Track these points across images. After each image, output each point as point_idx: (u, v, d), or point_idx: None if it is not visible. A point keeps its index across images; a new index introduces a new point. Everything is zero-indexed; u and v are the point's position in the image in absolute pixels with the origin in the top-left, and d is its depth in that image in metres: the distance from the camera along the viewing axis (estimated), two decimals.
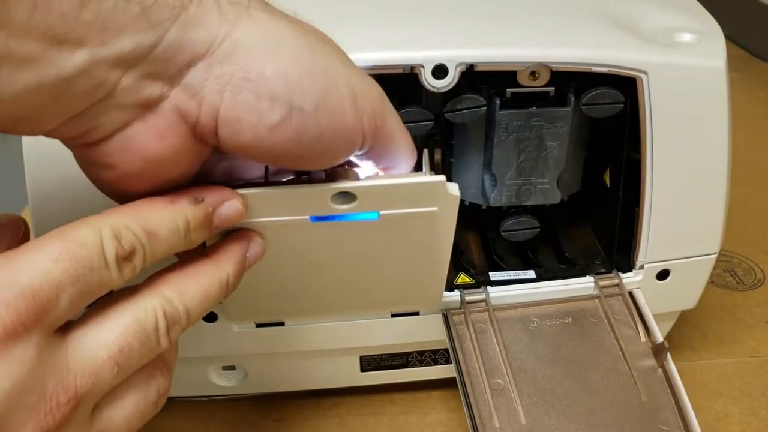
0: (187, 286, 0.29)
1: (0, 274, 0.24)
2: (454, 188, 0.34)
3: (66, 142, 0.28)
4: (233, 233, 0.32)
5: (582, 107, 0.42)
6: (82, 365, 0.26)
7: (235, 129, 0.27)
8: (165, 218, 0.28)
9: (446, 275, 0.40)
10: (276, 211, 0.32)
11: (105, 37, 0.24)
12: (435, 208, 0.34)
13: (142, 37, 0.25)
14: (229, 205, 0.30)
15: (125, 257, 0.26)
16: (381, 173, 0.34)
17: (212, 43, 0.26)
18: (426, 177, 0.33)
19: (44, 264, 0.24)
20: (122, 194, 0.29)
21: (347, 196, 0.32)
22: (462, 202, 0.46)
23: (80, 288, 0.25)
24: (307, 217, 0.33)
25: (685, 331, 0.54)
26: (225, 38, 0.26)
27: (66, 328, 0.26)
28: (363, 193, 0.32)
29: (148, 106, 0.27)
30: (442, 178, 0.33)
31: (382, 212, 0.33)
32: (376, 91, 0.31)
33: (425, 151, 0.36)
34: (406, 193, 0.33)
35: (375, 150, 0.32)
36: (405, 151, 0.33)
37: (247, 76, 0.27)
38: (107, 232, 0.26)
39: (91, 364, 0.26)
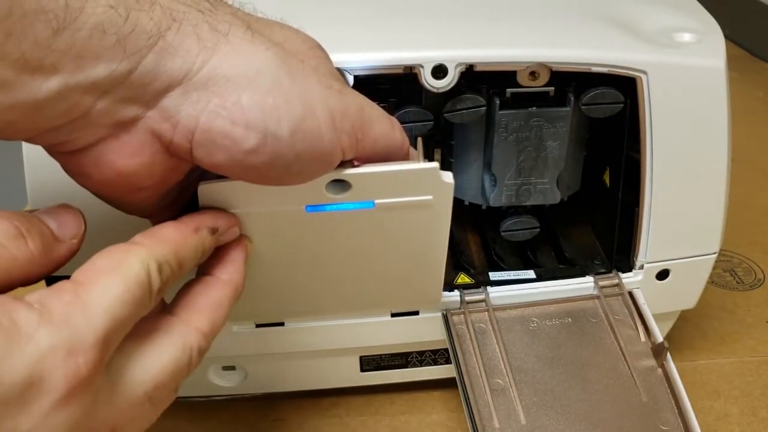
0: (217, 316, 0.30)
1: (75, 316, 0.24)
2: (448, 176, 0.34)
3: (44, 148, 0.28)
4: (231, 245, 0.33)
5: (582, 107, 0.42)
6: (123, 402, 0.26)
7: (209, 151, 0.27)
8: (191, 249, 0.29)
9: (444, 270, 0.40)
10: (271, 199, 0.32)
11: (79, 64, 0.24)
12: (430, 197, 0.34)
13: (117, 64, 0.25)
14: (232, 232, 0.32)
15: (161, 289, 0.27)
16: None
17: (189, 70, 0.26)
18: (419, 164, 0.33)
19: (114, 307, 0.25)
20: (104, 198, 0.29)
21: (342, 185, 0.33)
22: (462, 202, 0.46)
23: (132, 323, 0.26)
24: (303, 206, 0.33)
25: (685, 331, 0.54)
26: (203, 65, 0.26)
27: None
28: (357, 181, 0.32)
29: (123, 125, 0.27)
30: (435, 164, 0.33)
31: (377, 201, 0.34)
32: (356, 106, 0.30)
33: (419, 139, 0.36)
34: (400, 180, 0.33)
35: (361, 157, 0.32)
36: (396, 153, 0.33)
37: (224, 103, 0.27)
38: (153, 267, 0.26)
39: (130, 401, 0.26)
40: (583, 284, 0.46)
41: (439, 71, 0.39)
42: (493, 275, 0.46)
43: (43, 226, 0.26)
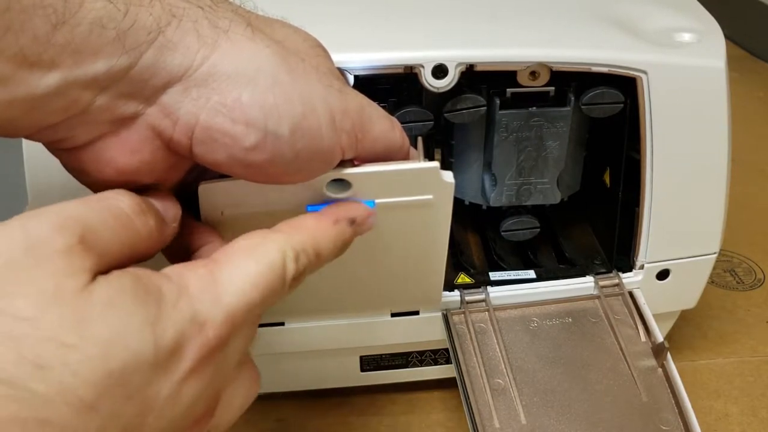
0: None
1: (207, 292, 0.25)
2: (448, 176, 0.34)
3: (45, 145, 0.28)
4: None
5: (582, 107, 0.42)
6: (228, 372, 0.27)
7: (210, 148, 0.27)
8: (330, 241, 0.30)
9: (444, 270, 0.40)
10: (271, 198, 0.32)
11: (78, 59, 0.24)
12: (430, 197, 0.34)
13: (116, 60, 0.25)
14: (369, 222, 0.32)
15: (296, 278, 0.27)
16: None
17: (189, 67, 0.26)
18: (420, 163, 0.33)
19: (245, 288, 0.25)
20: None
21: (342, 184, 0.33)
22: (462, 202, 0.46)
23: (264, 307, 0.27)
24: (303, 206, 0.33)
25: (685, 331, 0.54)
26: (203, 62, 0.27)
27: None
28: (357, 180, 0.32)
29: (122, 122, 0.27)
30: (436, 164, 0.33)
31: (377, 201, 0.34)
32: (356, 105, 0.30)
33: (419, 139, 0.36)
34: (400, 180, 0.33)
35: (361, 157, 0.32)
36: (396, 153, 0.33)
37: (224, 101, 0.27)
38: (290, 255, 0.27)
39: (230, 372, 0.27)
40: (583, 284, 0.46)
41: (440, 71, 0.39)
42: (493, 275, 0.46)
43: (154, 206, 0.27)
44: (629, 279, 0.46)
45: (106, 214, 0.24)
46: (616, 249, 0.47)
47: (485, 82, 0.41)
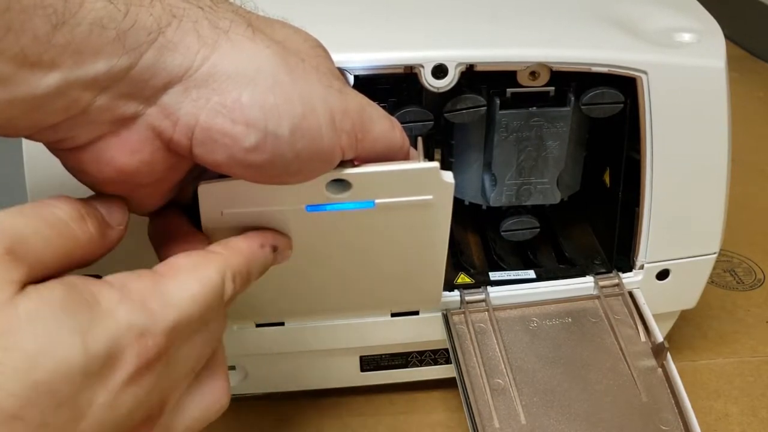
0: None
1: (151, 301, 0.25)
2: (448, 176, 0.34)
3: (45, 145, 0.28)
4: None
5: (582, 107, 0.42)
6: (175, 378, 0.27)
7: (209, 149, 0.27)
8: (259, 263, 0.32)
9: (444, 269, 0.40)
10: (271, 198, 0.32)
11: (79, 59, 0.24)
12: (430, 197, 0.34)
13: (116, 60, 0.25)
14: (286, 253, 0.34)
15: (232, 297, 0.29)
16: None
17: (189, 67, 0.26)
18: (420, 163, 0.33)
19: (186, 303, 0.26)
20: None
21: (342, 184, 0.33)
22: (462, 202, 0.46)
23: (200, 324, 0.27)
24: (303, 206, 0.33)
25: (685, 331, 0.54)
26: (203, 62, 0.27)
27: None
28: (357, 180, 0.32)
29: (123, 122, 0.27)
30: (435, 164, 0.33)
31: (377, 201, 0.34)
32: (356, 105, 0.30)
33: (419, 139, 0.36)
34: (400, 180, 0.33)
35: (361, 157, 0.32)
36: (396, 153, 0.33)
37: (224, 101, 0.27)
38: (228, 276, 0.28)
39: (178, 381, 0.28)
40: (583, 284, 0.46)
41: (440, 71, 0.39)
42: (493, 275, 0.46)
43: (97, 211, 0.27)
44: (629, 279, 0.46)
45: (40, 222, 0.24)
46: (616, 249, 0.47)
47: (485, 82, 0.41)
